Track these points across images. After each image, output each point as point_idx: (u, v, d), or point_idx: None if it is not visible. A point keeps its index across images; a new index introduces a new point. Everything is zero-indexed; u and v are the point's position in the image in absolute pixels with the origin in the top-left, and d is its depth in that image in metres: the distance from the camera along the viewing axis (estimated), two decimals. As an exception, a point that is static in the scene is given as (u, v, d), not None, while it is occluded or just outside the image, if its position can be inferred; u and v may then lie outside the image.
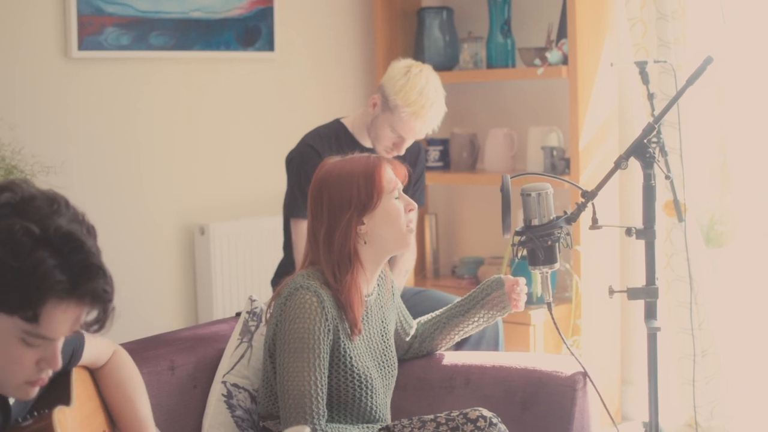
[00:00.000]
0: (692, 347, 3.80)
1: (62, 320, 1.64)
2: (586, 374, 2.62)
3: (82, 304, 1.64)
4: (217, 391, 2.64)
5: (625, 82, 4.18)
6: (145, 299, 3.89)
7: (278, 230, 3.62)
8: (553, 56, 4.06)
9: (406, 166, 2.56)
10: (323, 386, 2.36)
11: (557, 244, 2.49)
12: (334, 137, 3.39)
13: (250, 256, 4.11)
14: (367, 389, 2.46)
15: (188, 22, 3.95)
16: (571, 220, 2.51)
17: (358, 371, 2.45)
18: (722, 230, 4.21)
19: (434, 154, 4.57)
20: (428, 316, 2.81)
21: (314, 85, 4.41)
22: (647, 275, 2.57)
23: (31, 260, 1.59)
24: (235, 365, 2.67)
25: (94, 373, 2.18)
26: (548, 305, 2.58)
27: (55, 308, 1.62)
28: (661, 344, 2.58)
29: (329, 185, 2.46)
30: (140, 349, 2.54)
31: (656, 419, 2.57)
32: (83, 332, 1.87)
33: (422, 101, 3.26)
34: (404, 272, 3.47)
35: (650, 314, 2.56)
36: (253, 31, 4.15)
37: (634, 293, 2.56)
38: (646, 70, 3.35)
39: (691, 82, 2.55)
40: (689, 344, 3.84)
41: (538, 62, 4.11)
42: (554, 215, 2.49)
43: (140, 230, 3.89)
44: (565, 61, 4.04)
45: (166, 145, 3.95)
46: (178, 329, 2.87)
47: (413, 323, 2.79)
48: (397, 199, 2.49)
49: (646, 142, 2.53)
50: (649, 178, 2.55)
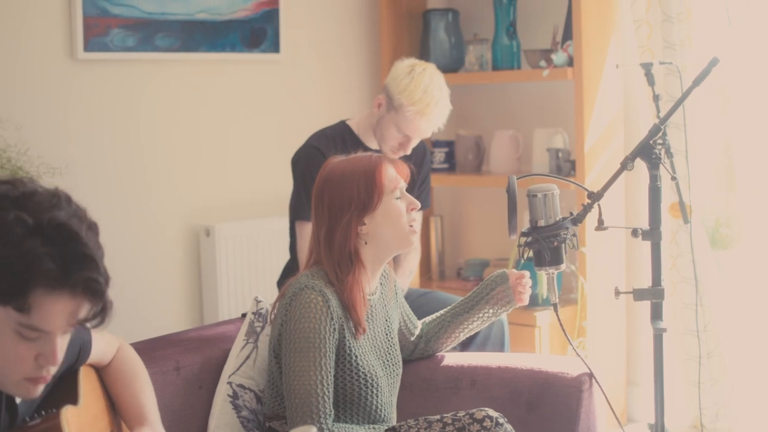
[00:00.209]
0: (698, 349, 3.80)
1: (55, 311, 1.63)
2: (592, 375, 2.61)
3: (74, 294, 1.63)
4: (222, 391, 2.65)
5: (630, 83, 4.18)
6: (150, 300, 3.89)
7: (284, 231, 3.62)
8: (558, 58, 4.06)
9: (409, 164, 2.55)
10: (329, 385, 2.36)
11: (563, 245, 2.49)
12: (339, 139, 3.38)
13: (255, 257, 4.11)
14: (372, 388, 2.46)
15: (194, 23, 3.95)
16: (577, 221, 2.51)
17: (363, 370, 2.45)
18: (727, 232, 4.21)
19: (440, 156, 4.57)
20: (433, 315, 2.80)
21: (320, 86, 4.41)
22: (653, 276, 2.56)
23: (21, 248, 1.59)
24: (240, 366, 2.67)
25: (99, 368, 2.18)
26: (554, 306, 2.58)
27: (45, 297, 1.61)
28: (666, 346, 2.57)
29: (331, 185, 2.46)
30: (146, 349, 2.54)
31: (662, 421, 2.56)
32: (90, 329, 1.87)
33: (427, 99, 3.25)
34: (408, 272, 3.46)
35: (656, 315, 2.56)
36: (258, 32, 4.15)
37: (640, 294, 2.55)
38: (651, 71, 3.34)
39: (696, 83, 2.54)
40: (695, 346, 3.84)
41: (543, 64, 4.11)
42: (560, 216, 2.49)
43: (146, 231, 3.89)
44: (570, 62, 4.04)
45: (171, 146, 3.95)
46: (183, 330, 2.87)
47: (418, 323, 2.79)
48: (398, 199, 2.48)
49: (651, 143, 2.52)
50: (655, 179, 2.55)
